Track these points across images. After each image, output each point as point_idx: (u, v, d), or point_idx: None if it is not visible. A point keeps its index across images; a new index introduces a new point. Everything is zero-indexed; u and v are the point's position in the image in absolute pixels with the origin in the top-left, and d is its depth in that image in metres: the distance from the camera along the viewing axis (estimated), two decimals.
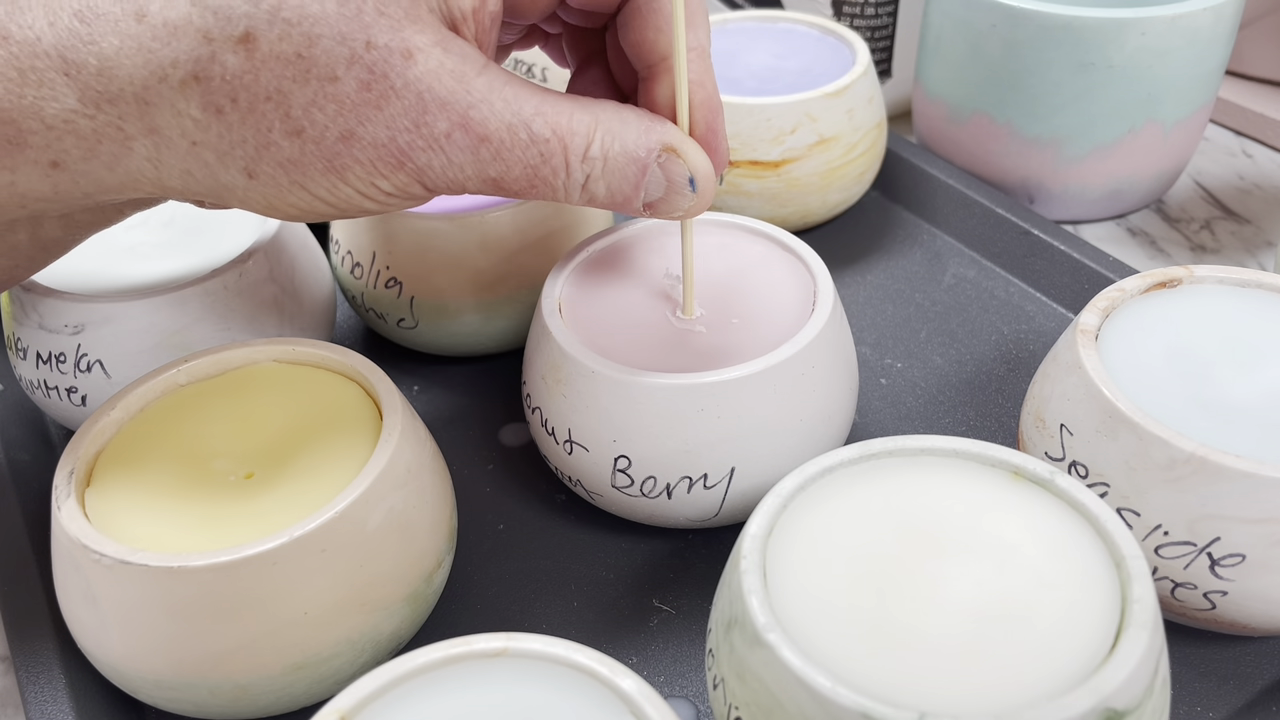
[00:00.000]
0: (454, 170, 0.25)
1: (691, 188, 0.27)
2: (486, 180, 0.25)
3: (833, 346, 0.31)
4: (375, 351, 0.42)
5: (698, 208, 0.28)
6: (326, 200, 0.25)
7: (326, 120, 0.23)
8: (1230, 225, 0.49)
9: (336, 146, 0.24)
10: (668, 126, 0.27)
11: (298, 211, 0.25)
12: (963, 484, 0.25)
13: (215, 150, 0.24)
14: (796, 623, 0.22)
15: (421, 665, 0.21)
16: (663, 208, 0.27)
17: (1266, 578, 0.26)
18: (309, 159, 0.24)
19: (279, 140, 0.24)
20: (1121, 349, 0.30)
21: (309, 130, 0.23)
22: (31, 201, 0.25)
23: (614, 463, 0.30)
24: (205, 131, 0.23)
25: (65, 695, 0.28)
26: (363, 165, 0.24)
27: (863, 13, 0.54)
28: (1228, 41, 0.45)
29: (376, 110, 0.23)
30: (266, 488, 0.27)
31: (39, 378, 0.34)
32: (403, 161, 0.24)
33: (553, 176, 0.26)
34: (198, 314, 0.33)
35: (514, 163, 0.25)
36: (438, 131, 0.24)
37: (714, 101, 0.28)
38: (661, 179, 0.27)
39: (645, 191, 0.27)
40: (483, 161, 0.25)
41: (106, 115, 0.23)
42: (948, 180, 0.47)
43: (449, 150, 0.24)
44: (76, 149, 0.24)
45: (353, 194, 0.25)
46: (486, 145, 0.25)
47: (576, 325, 0.31)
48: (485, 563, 0.34)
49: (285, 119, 0.23)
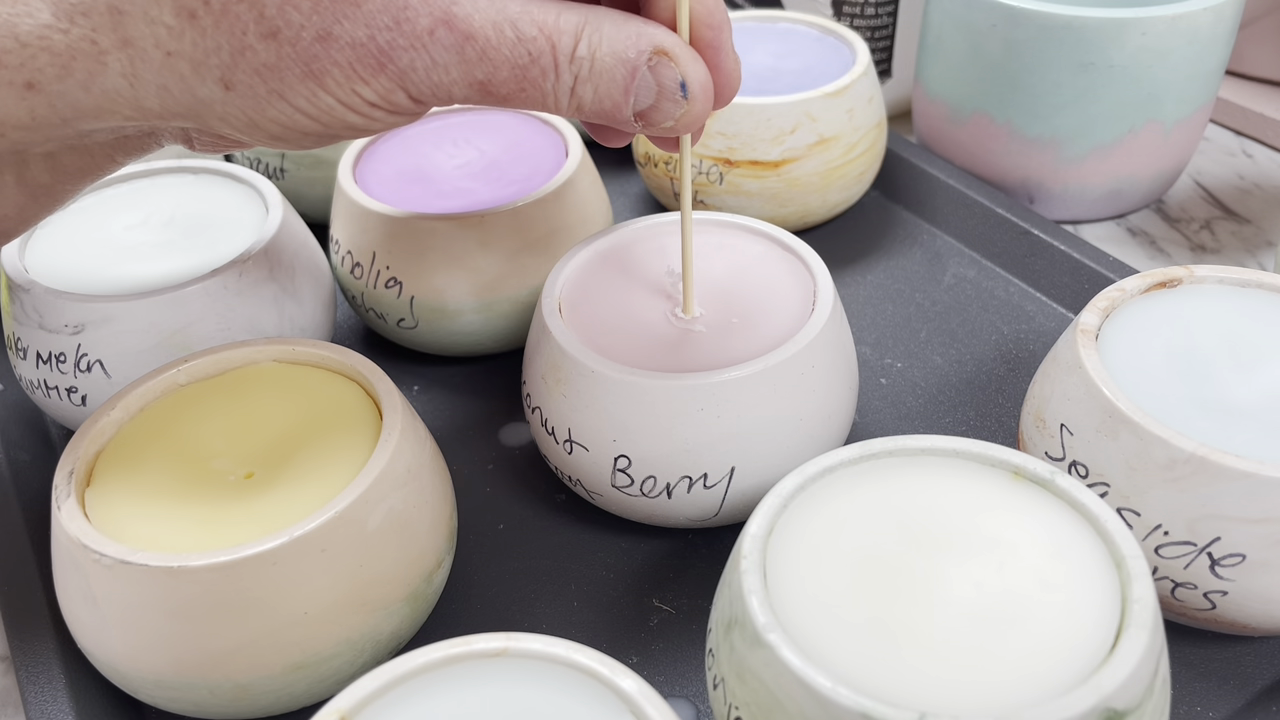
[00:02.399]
0: (438, 72, 0.24)
1: (683, 93, 0.26)
2: (473, 84, 0.24)
3: (833, 346, 0.31)
4: (375, 351, 0.42)
5: (690, 119, 0.26)
6: (307, 112, 0.24)
7: (302, 19, 0.23)
8: (1230, 225, 0.49)
9: (314, 48, 0.23)
10: (660, 29, 0.25)
11: (279, 128, 0.24)
12: (963, 484, 0.25)
13: (190, 60, 0.23)
14: (796, 623, 0.22)
15: (421, 665, 0.21)
16: (654, 117, 0.26)
17: (1266, 577, 0.26)
18: (286, 63, 0.23)
19: (254, 44, 0.23)
20: (1121, 349, 0.30)
21: (284, 31, 0.23)
22: (9, 129, 0.24)
23: (614, 462, 0.30)
24: (179, 39, 0.23)
25: (65, 695, 0.28)
26: (341, 68, 0.23)
27: (863, 13, 0.54)
28: (1228, 41, 0.45)
29: (354, 7, 0.23)
30: (266, 488, 0.27)
31: (39, 378, 0.34)
32: (383, 63, 0.23)
33: (541, 78, 0.24)
34: (198, 314, 0.33)
35: (501, 63, 0.24)
36: (420, 28, 0.23)
37: (717, 16, 0.26)
38: (652, 84, 0.25)
39: (635, 98, 0.25)
40: (469, 62, 0.24)
41: (80, 28, 0.23)
42: (948, 180, 0.47)
43: (432, 49, 0.23)
44: (51, 67, 0.23)
45: (333, 104, 0.24)
46: (472, 43, 0.23)
47: (576, 325, 0.31)
48: (485, 563, 0.34)
49: (259, 20, 0.23)
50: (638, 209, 0.51)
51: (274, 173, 0.47)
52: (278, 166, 0.46)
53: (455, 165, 0.40)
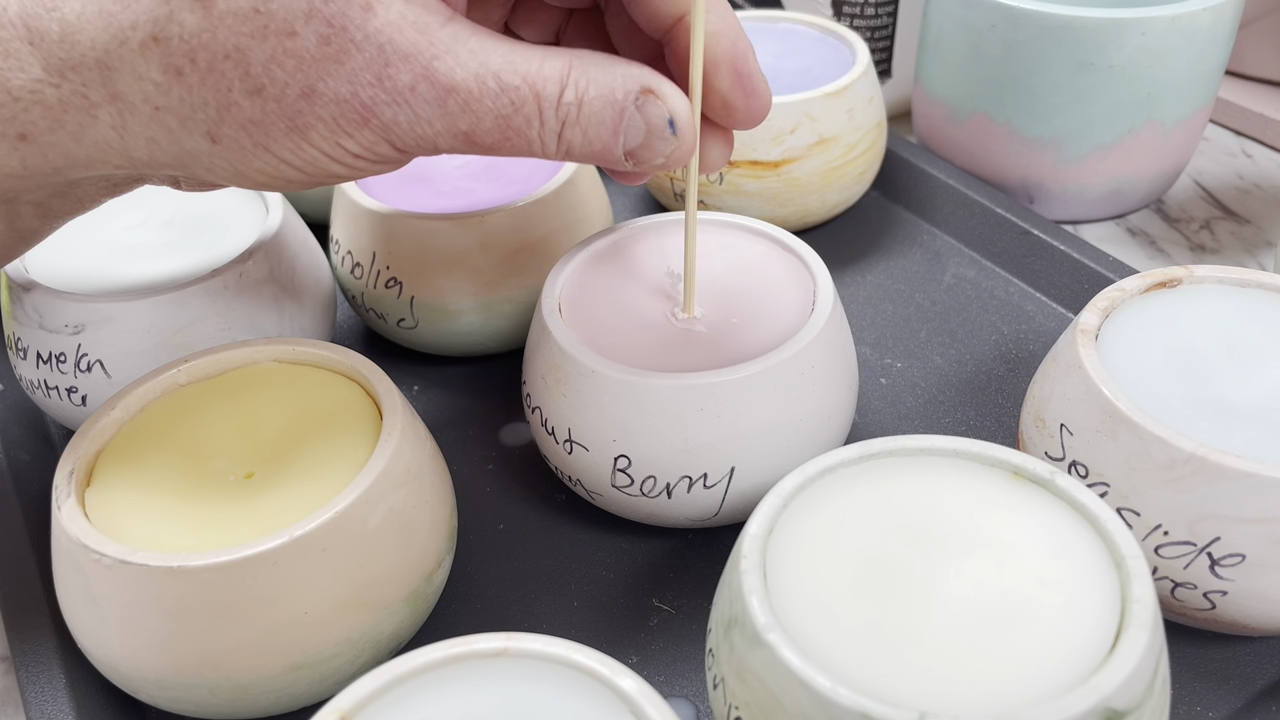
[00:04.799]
0: (422, 125, 0.24)
1: (671, 130, 0.26)
2: (458, 135, 0.24)
3: (833, 346, 0.31)
4: (375, 351, 0.42)
5: (680, 154, 0.27)
6: (292, 164, 0.24)
7: (286, 77, 0.23)
8: (1230, 225, 0.49)
9: (298, 104, 0.23)
10: (644, 69, 0.26)
11: (264, 177, 0.25)
12: (963, 484, 0.25)
13: (177, 114, 0.24)
14: (796, 623, 0.22)
15: (421, 665, 0.21)
16: (644, 155, 0.26)
17: (1266, 577, 0.26)
18: (270, 119, 0.23)
19: (239, 100, 0.23)
20: (1121, 349, 0.30)
21: (269, 88, 0.23)
22: (2, 177, 0.24)
23: (614, 462, 0.30)
24: (166, 95, 0.23)
25: (65, 695, 0.28)
26: (325, 124, 0.24)
27: (863, 13, 0.54)
28: (1228, 41, 0.45)
29: (337, 65, 0.23)
30: (266, 488, 0.27)
31: (39, 378, 0.34)
32: (367, 118, 0.24)
33: (526, 126, 0.25)
34: (198, 314, 0.33)
35: (484, 114, 0.24)
36: (401, 84, 0.23)
37: (740, 46, 0.27)
38: (640, 123, 0.26)
39: (624, 138, 0.26)
40: (451, 114, 0.24)
41: (70, 83, 0.23)
42: (948, 180, 0.47)
43: (414, 104, 0.24)
44: (43, 119, 0.24)
45: (318, 155, 0.24)
46: (454, 96, 0.24)
47: (576, 325, 0.31)
48: (485, 563, 0.34)
49: (245, 77, 0.23)
50: (638, 209, 0.51)
51: None
52: None
53: (455, 165, 0.40)
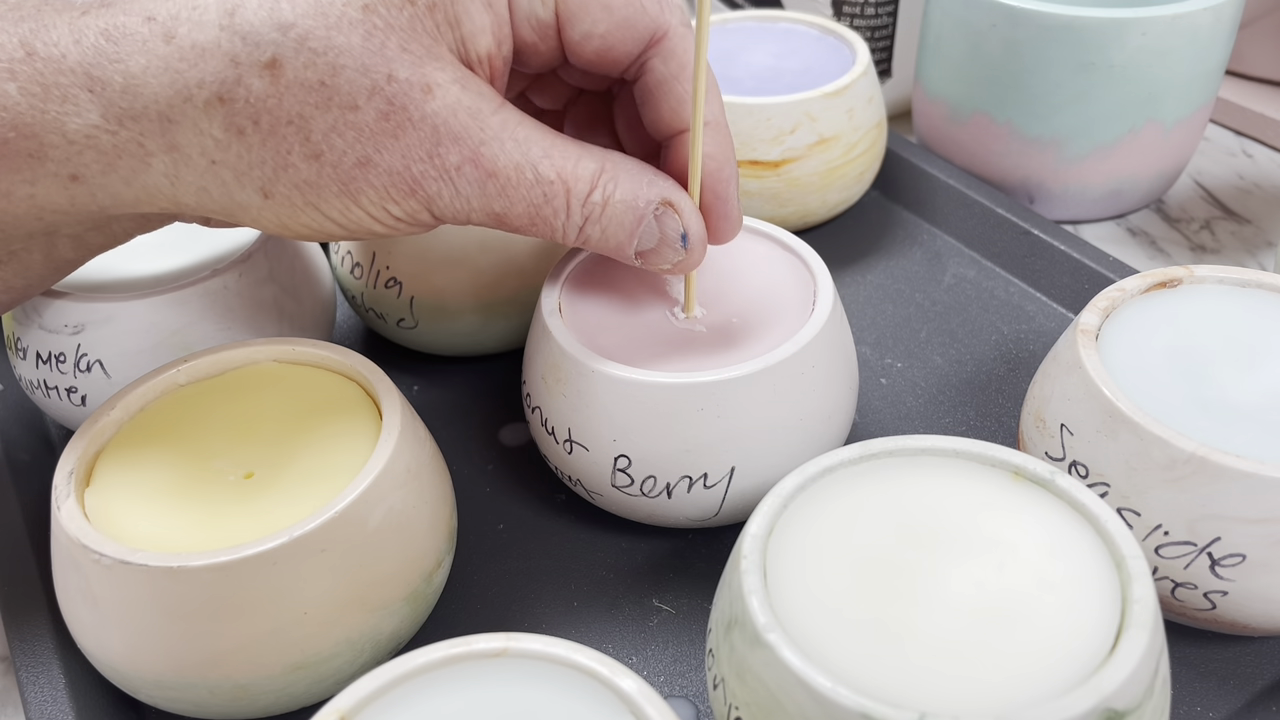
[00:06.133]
0: (461, 201, 0.26)
1: (683, 244, 0.28)
2: (490, 214, 0.26)
3: (833, 346, 0.31)
4: (375, 351, 0.42)
5: (687, 265, 0.29)
6: (338, 221, 0.26)
7: (345, 146, 0.24)
8: (1230, 225, 0.49)
9: (353, 171, 0.25)
10: (669, 182, 0.28)
11: (309, 231, 0.26)
12: (963, 484, 0.25)
13: (234, 169, 0.24)
14: (796, 623, 0.22)
15: (421, 665, 0.21)
16: (653, 259, 0.29)
17: (1266, 578, 0.26)
18: (325, 181, 0.25)
19: (297, 163, 0.24)
20: (1122, 349, 0.30)
21: (327, 154, 0.24)
22: (49, 214, 0.25)
23: (614, 462, 0.30)
24: (225, 151, 0.24)
25: (65, 695, 0.28)
26: (376, 190, 0.25)
27: (863, 13, 0.54)
28: (1228, 41, 0.45)
29: (394, 139, 0.24)
30: (266, 488, 0.27)
31: (39, 378, 0.34)
32: (415, 189, 0.25)
33: (554, 217, 0.27)
34: (198, 314, 0.33)
35: (518, 200, 0.26)
36: (449, 164, 0.25)
37: (726, 171, 0.29)
38: (656, 231, 0.28)
39: (639, 240, 0.28)
40: (489, 196, 0.26)
41: (129, 131, 0.24)
42: (948, 180, 0.47)
43: (458, 182, 0.25)
44: (96, 163, 0.24)
45: (364, 217, 0.26)
46: (494, 181, 0.26)
47: (576, 325, 0.31)
48: (485, 563, 0.34)
49: (305, 143, 0.24)
50: None
51: None
52: None
53: None
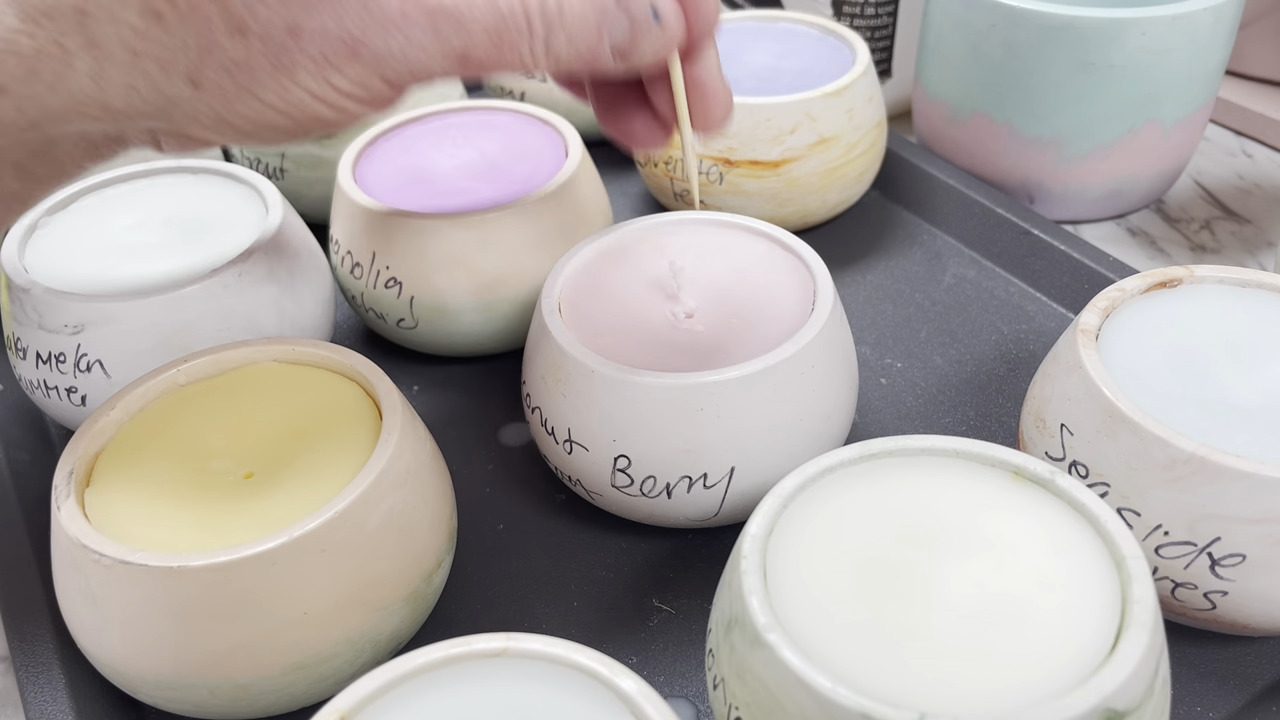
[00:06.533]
0: (414, 50, 0.24)
1: (655, 19, 0.26)
2: (451, 55, 0.24)
3: (833, 346, 0.31)
4: (375, 351, 0.42)
5: (667, 42, 0.27)
6: (276, 107, 0.24)
7: (270, 14, 0.23)
8: (1230, 225, 0.49)
9: (284, 41, 0.23)
10: None
11: (249, 125, 0.24)
12: (963, 484, 0.25)
13: (157, 59, 0.23)
14: (796, 623, 0.22)
15: (421, 665, 0.21)
16: (633, 53, 0.27)
17: (1266, 578, 0.26)
18: (255, 59, 0.23)
19: (222, 40, 0.23)
20: (1122, 349, 0.30)
21: (252, 27, 0.23)
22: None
23: (614, 462, 0.30)
24: (145, 39, 0.23)
25: (65, 695, 0.28)
26: (313, 60, 0.23)
27: (863, 13, 0.54)
28: (1228, 41, 0.45)
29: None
30: (266, 488, 0.27)
31: (39, 378, 0.34)
32: (356, 50, 0.23)
33: (517, 37, 0.25)
34: (197, 314, 0.33)
35: (476, 29, 0.24)
36: (390, 11, 0.23)
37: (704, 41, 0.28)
38: (623, 19, 0.26)
39: (610, 35, 0.26)
40: (444, 35, 0.24)
41: (46, 31, 0.23)
42: (948, 180, 0.47)
43: (406, 29, 0.24)
44: (18, 70, 0.23)
45: (305, 97, 0.24)
46: (444, 17, 0.24)
47: (576, 325, 0.31)
48: (485, 563, 0.34)
49: (226, 16, 0.23)
50: (638, 209, 0.51)
51: (274, 173, 0.47)
52: (277, 166, 0.46)
53: (455, 165, 0.40)
